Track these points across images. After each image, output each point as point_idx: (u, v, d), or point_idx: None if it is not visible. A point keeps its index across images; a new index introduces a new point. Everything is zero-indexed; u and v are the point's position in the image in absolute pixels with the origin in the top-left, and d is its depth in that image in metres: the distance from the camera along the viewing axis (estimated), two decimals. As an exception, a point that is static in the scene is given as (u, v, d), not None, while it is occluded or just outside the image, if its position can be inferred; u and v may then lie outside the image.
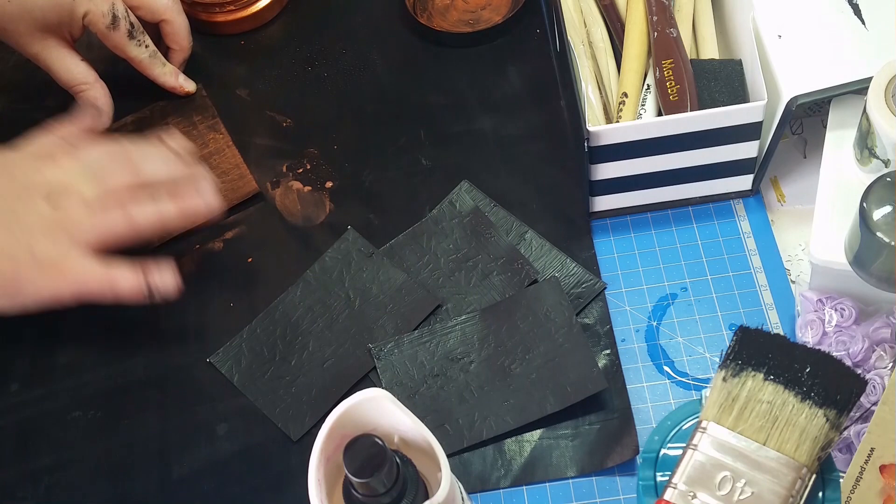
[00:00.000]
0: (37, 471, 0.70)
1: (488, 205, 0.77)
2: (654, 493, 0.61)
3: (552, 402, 0.67)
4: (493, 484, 0.66)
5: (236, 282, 0.76)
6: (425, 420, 0.66)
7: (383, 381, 0.69)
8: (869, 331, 0.64)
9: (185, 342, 0.74)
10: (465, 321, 0.71)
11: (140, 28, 0.81)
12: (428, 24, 0.87)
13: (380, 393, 0.52)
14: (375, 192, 0.79)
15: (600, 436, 0.66)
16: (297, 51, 0.88)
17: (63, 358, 0.74)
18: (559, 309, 0.70)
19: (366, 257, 0.75)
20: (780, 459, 0.56)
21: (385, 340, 0.71)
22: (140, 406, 0.72)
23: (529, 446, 0.67)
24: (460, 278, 0.73)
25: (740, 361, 0.59)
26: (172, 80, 0.84)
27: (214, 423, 0.70)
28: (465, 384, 0.69)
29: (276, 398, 0.70)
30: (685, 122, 0.68)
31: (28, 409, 0.72)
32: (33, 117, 0.77)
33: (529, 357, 0.69)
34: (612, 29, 0.79)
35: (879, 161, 0.64)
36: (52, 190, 0.68)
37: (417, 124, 0.82)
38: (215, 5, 0.89)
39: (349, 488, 0.51)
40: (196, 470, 0.68)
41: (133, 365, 0.73)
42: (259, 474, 0.68)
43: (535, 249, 0.74)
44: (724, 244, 0.73)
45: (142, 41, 0.81)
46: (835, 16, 0.71)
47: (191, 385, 0.72)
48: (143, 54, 0.82)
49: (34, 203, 0.67)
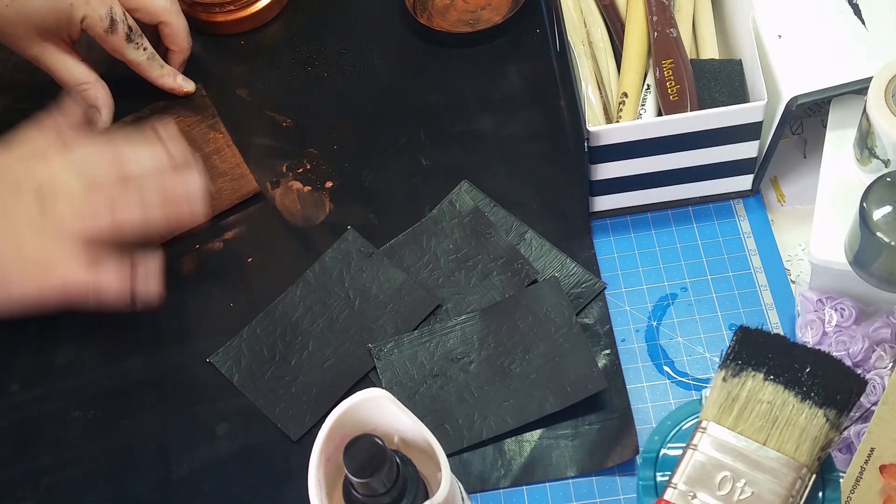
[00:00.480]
0: (37, 470, 0.70)
1: (488, 205, 0.77)
2: (654, 493, 0.61)
3: (552, 402, 0.67)
4: (493, 484, 0.66)
5: (236, 282, 0.76)
6: (425, 420, 0.66)
7: (383, 381, 0.69)
8: (869, 331, 0.64)
9: (185, 342, 0.74)
10: (464, 321, 0.71)
11: (138, 31, 0.81)
12: (428, 24, 0.87)
13: (380, 393, 0.52)
14: (375, 192, 0.79)
15: (600, 436, 0.66)
16: (297, 51, 0.88)
17: (63, 358, 0.74)
18: (559, 309, 0.70)
19: (366, 257, 0.75)
20: (780, 459, 0.56)
21: (385, 340, 0.71)
22: (140, 406, 0.72)
23: (529, 446, 0.67)
24: (460, 278, 0.73)
25: (740, 361, 0.59)
26: (171, 81, 0.84)
27: (214, 423, 0.70)
28: (465, 384, 0.69)
29: (276, 398, 0.70)
30: (685, 122, 0.68)
31: (28, 408, 0.72)
32: (33, 117, 0.77)
33: (529, 357, 0.69)
34: (612, 29, 0.79)
35: (879, 161, 0.64)
36: (41, 188, 0.67)
37: (417, 124, 0.82)
38: (215, 5, 0.89)
39: (349, 488, 0.51)
40: (196, 470, 0.69)
41: (133, 365, 0.73)
42: (259, 474, 0.68)
43: (534, 249, 0.74)
44: (724, 244, 0.73)
45: (140, 44, 0.81)
46: (835, 16, 0.71)
47: (191, 385, 0.72)
48: (141, 57, 0.82)
49: (24, 201, 0.67)
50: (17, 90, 0.89)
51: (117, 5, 0.79)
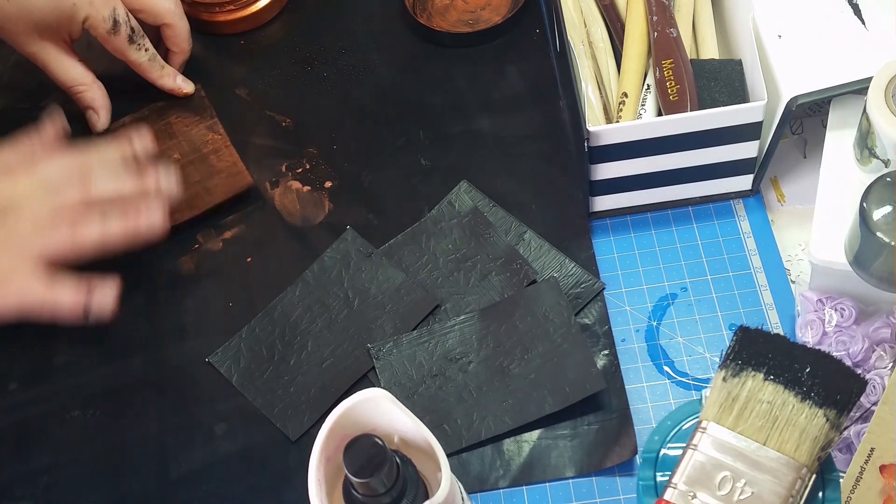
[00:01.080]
0: (35, 470, 0.69)
1: (487, 205, 0.76)
2: (654, 493, 0.61)
3: (551, 402, 0.67)
4: (492, 484, 0.66)
5: (235, 281, 0.76)
6: (424, 420, 0.66)
7: (382, 381, 0.69)
8: (869, 331, 0.64)
9: (183, 342, 0.74)
10: (463, 321, 0.71)
11: (140, 32, 0.81)
12: (427, 24, 0.87)
13: (380, 393, 0.52)
14: (374, 192, 0.79)
15: (599, 436, 0.66)
16: (297, 51, 0.88)
17: (61, 357, 0.74)
18: (558, 309, 0.70)
19: (365, 257, 0.75)
20: (780, 459, 0.56)
21: (384, 340, 0.71)
22: (139, 406, 0.72)
23: (528, 446, 0.67)
24: (459, 278, 0.73)
25: (740, 361, 0.59)
26: (171, 82, 0.84)
27: (213, 423, 0.70)
28: (464, 384, 0.69)
29: (275, 398, 0.70)
30: (685, 122, 0.68)
31: (27, 408, 0.72)
32: (33, 116, 0.77)
33: (528, 357, 0.69)
34: (612, 29, 0.79)
35: (879, 161, 0.64)
36: (4, 206, 0.69)
37: (417, 124, 0.82)
38: (215, 5, 0.89)
39: (349, 488, 0.51)
40: (195, 470, 0.68)
41: (131, 364, 0.73)
42: (258, 474, 0.68)
43: (533, 250, 0.74)
44: (724, 244, 0.73)
45: (142, 45, 0.81)
46: (835, 16, 0.71)
47: (189, 385, 0.72)
48: (142, 58, 0.82)
49: None
50: (18, 89, 0.88)
51: (121, 6, 0.79)
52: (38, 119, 0.75)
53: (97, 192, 0.70)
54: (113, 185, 0.71)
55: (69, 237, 0.69)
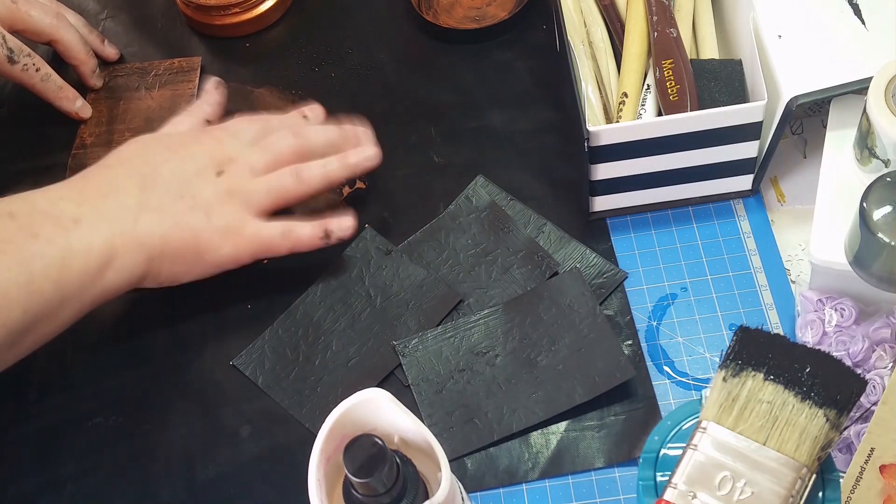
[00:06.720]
0: (60, 478, 0.69)
1: (504, 199, 0.77)
2: (654, 493, 0.61)
3: (580, 392, 0.67)
4: (521, 477, 0.66)
5: (253, 283, 0.75)
6: (454, 415, 0.67)
7: (409, 378, 0.69)
8: (869, 331, 0.64)
9: (204, 345, 0.74)
10: (487, 315, 0.71)
11: (24, 51, 0.79)
12: (433, 21, 0.87)
13: (379, 393, 0.53)
14: (389, 190, 0.79)
15: (626, 426, 0.66)
16: (303, 52, 0.89)
17: (81, 364, 0.74)
18: (582, 300, 0.70)
19: (384, 255, 0.75)
20: (780, 459, 0.56)
21: (409, 337, 0.71)
22: (161, 411, 0.71)
23: (556, 438, 0.67)
24: (481, 273, 0.73)
25: (740, 361, 0.59)
26: (68, 105, 0.83)
27: (238, 426, 0.70)
28: (492, 378, 0.69)
29: (303, 398, 0.70)
30: (685, 122, 0.68)
31: (48, 416, 0.72)
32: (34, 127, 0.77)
33: (555, 348, 0.69)
34: (612, 29, 0.79)
35: (879, 161, 0.64)
36: (221, 163, 0.70)
37: (427, 122, 0.82)
38: (219, 8, 0.89)
39: (349, 488, 0.51)
40: (221, 473, 0.68)
41: (152, 370, 0.73)
42: (284, 475, 0.68)
43: (553, 242, 0.74)
44: (724, 244, 0.73)
45: (28, 65, 0.79)
46: (835, 16, 0.71)
47: (212, 388, 0.72)
48: (33, 79, 0.80)
49: (208, 178, 0.70)
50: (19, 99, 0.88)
51: None
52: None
53: (309, 139, 0.73)
54: (323, 134, 0.74)
55: (293, 177, 0.71)
